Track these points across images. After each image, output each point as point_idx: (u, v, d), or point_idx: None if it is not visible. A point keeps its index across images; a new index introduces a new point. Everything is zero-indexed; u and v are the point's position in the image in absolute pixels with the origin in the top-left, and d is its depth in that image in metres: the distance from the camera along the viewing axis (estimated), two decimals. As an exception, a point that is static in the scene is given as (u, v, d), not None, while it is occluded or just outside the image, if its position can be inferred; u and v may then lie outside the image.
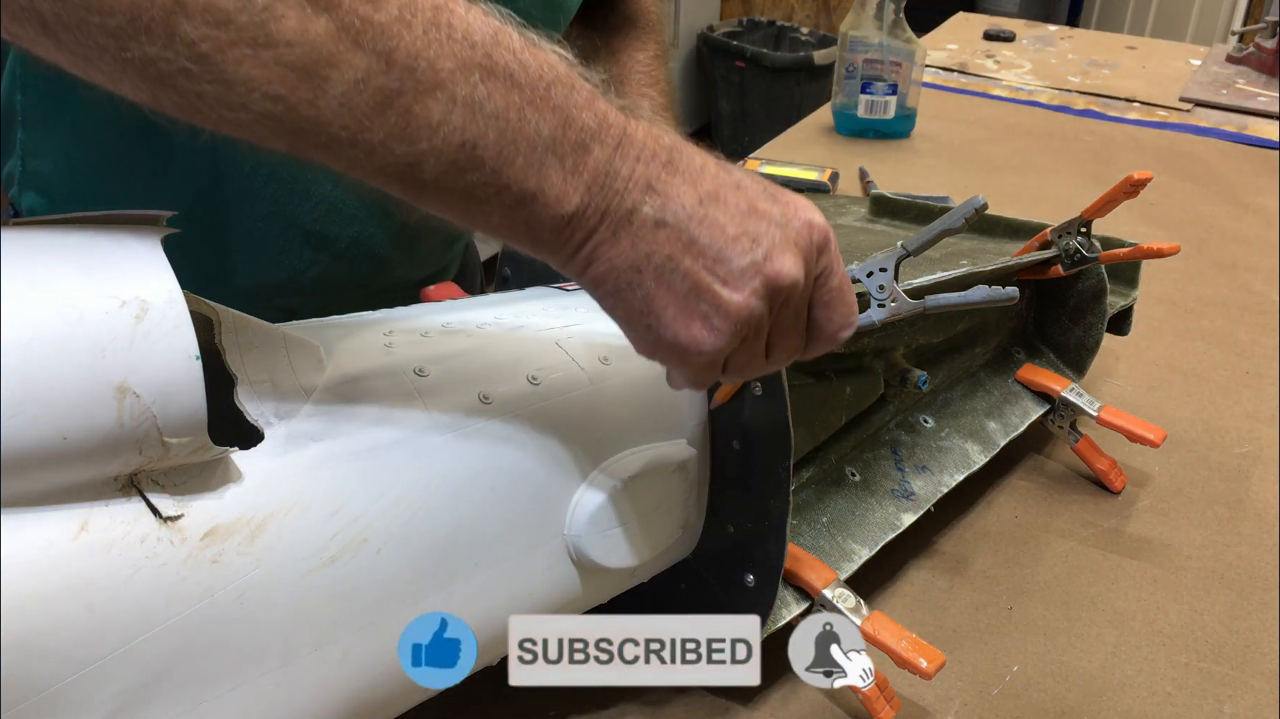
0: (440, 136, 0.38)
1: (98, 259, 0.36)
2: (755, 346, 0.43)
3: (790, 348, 0.45)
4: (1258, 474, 0.81)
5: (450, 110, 0.38)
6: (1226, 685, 0.62)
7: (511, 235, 0.41)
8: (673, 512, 0.54)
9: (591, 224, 0.40)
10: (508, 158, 0.39)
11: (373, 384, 0.46)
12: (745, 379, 0.47)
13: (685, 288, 0.41)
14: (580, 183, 0.40)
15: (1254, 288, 1.08)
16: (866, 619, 0.56)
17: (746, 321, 0.41)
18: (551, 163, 0.39)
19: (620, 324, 0.43)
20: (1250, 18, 2.69)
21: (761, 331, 0.43)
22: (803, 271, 0.43)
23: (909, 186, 1.27)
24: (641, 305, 0.41)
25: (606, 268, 0.41)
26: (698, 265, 0.41)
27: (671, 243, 0.41)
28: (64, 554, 0.35)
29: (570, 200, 0.40)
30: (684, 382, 0.46)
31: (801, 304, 0.44)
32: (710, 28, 3.28)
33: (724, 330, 0.41)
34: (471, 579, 0.47)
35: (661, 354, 0.43)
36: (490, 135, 0.38)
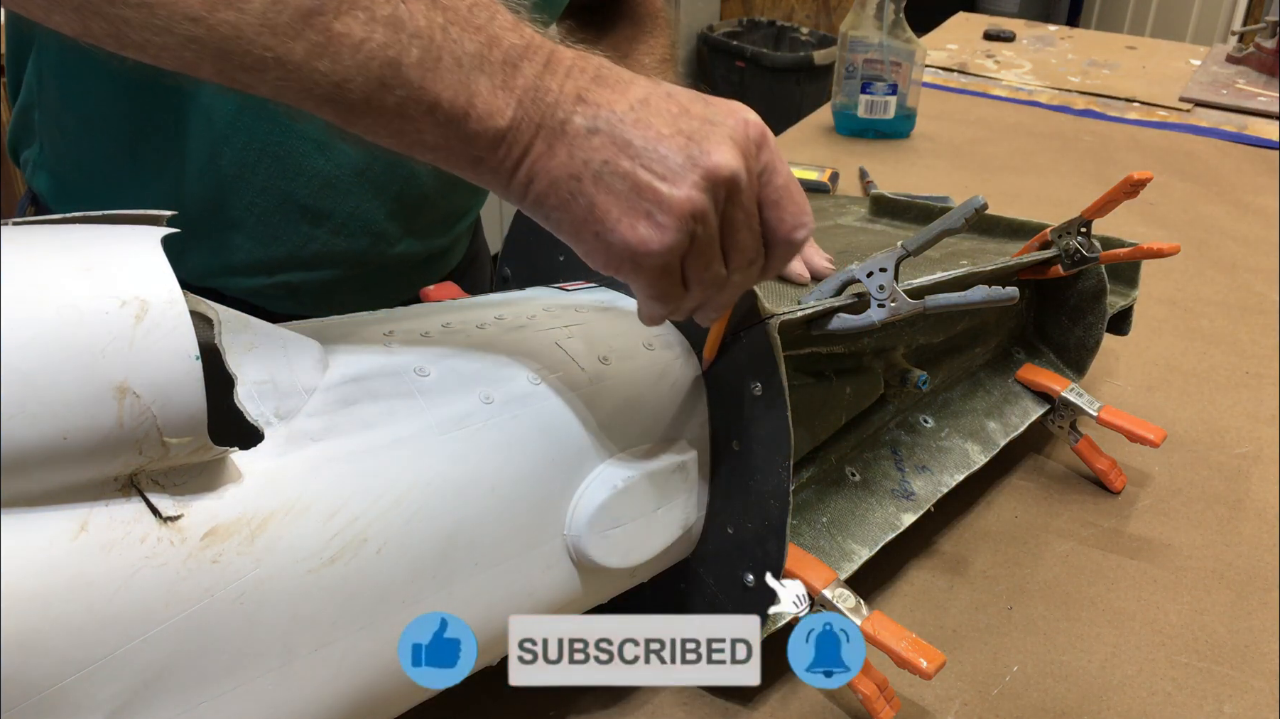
0: (363, 53, 0.39)
1: (98, 259, 0.36)
2: (709, 249, 0.43)
3: (747, 251, 0.45)
4: (1258, 474, 0.81)
5: (372, 28, 0.39)
6: (1226, 685, 0.62)
7: (450, 157, 0.42)
8: (673, 512, 0.54)
9: (527, 139, 0.42)
10: (435, 75, 0.40)
11: (373, 384, 0.46)
12: (710, 299, 0.47)
13: (625, 188, 0.41)
14: (511, 98, 0.41)
15: (1254, 288, 1.08)
16: (866, 619, 0.56)
17: (691, 214, 0.42)
18: (480, 79, 0.41)
19: (571, 242, 0.44)
20: (1250, 18, 2.69)
21: (710, 229, 0.43)
22: (742, 164, 0.43)
23: (909, 186, 1.27)
24: (585, 214, 0.42)
25: (547, 182, 0.42)
26: (635, 165, 0.41)
27: (607, 148, 0.41)
28: (64, 554, 0.35)
29: (503, 114, 0.41)
30: (648, 300, 0.45)
31: (749, 202, 0.44)
32: (710, 28, 3.28)
33: (669, 225, 0.41)
34: (471, 579, 0.47)
35: (614, 262, 0.43)
36: (414, 52, 0.40)
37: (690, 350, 0.57)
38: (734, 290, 0.47)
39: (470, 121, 0.41)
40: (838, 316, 0.57)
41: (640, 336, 0.56)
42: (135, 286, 0.36)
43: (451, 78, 0.40)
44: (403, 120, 0.41)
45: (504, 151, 0.42)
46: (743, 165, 0.43)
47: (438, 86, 0.40)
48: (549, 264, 0.64)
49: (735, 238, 0.44)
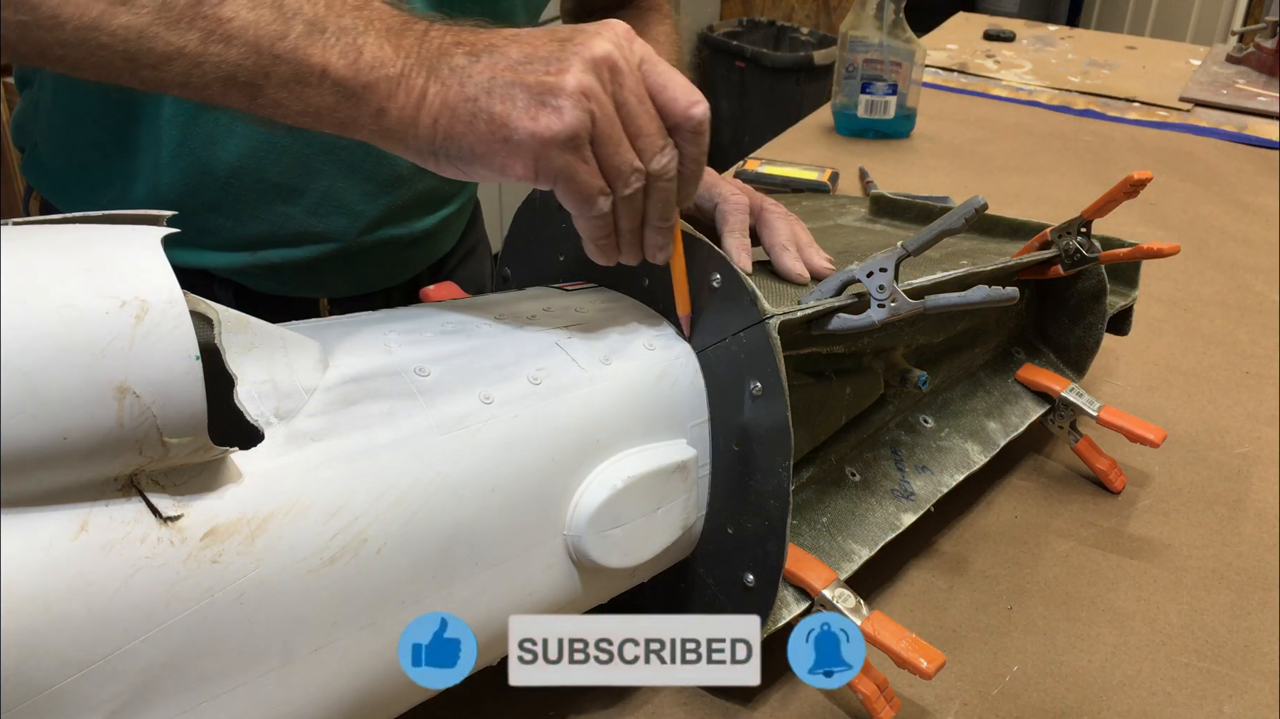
0: (252, 33, 0.44)
1: (98, 259, 0.36)
2: (611, 129, 0.46)
3: (650, 134, 0.48)
4: (1258, 474, 0.81)
5: (257, 11, 0.45)
6: (1226, 685, 0.62)
7: (354, 120, 0.47)
8: (673, 512, 0.54)
9: (420, 83, 0.46)
10: (321, 42, 0.45)
11: (373, 384, 0.46)
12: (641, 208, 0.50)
13: (516, 91, 0.45)
14: (398, 53, 0.46)
15: (1254, 288, 1.08)
16: (866, 619, 0.56)
17: (580, 91, 0.45)
18: (365, 40, 0.46)
19: (489, 168, 0.47)
20: (1250, 18, 2.69)
21: (606, 109, 0.46)
22: (616, 50, 0.47)
23: (909, 186, 1.27)
24: (489, 127, 0.46)
25: (448, 114, 0.46)
26: (520, 72, 0.46)
27: (490, 67, 0.46)
28: (64, 554, 0.35)
29: (393, 64, 0.46)
30: (579, 204, 0.48)
31: (635, 84, 0.47)
32: (710, 28, 3.28)
33: (564, 105, 0.45)
34: (471, 579, 0.47)
35: (529, 162, 0.46)
36: (299, 27, 0.45)
37: (691, 351, 0.57)
38: (662, 194, 0.49)
39: (361, 74, 0.46)
40: (838, 316, 0.57)
41: (640, 337, 0.56)
42: (135, 286, 0.36)
43: (337, 43, 0.45)
44: (302, 89, 0.46)
45: (402, 98, 0.46)
46: (617, 51, 0.47)
47: (326, 53, 0.45)
48: (549, 264, 0.64)
49: (634, 122, 0.47)
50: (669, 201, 0.50)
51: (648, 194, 0.49)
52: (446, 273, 0.93)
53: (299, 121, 0.47)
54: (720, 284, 0.54)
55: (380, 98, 0.46)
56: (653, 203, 0.50)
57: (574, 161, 0.46)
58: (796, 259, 0.62)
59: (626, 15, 0.91)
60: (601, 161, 0.47)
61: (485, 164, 0.47)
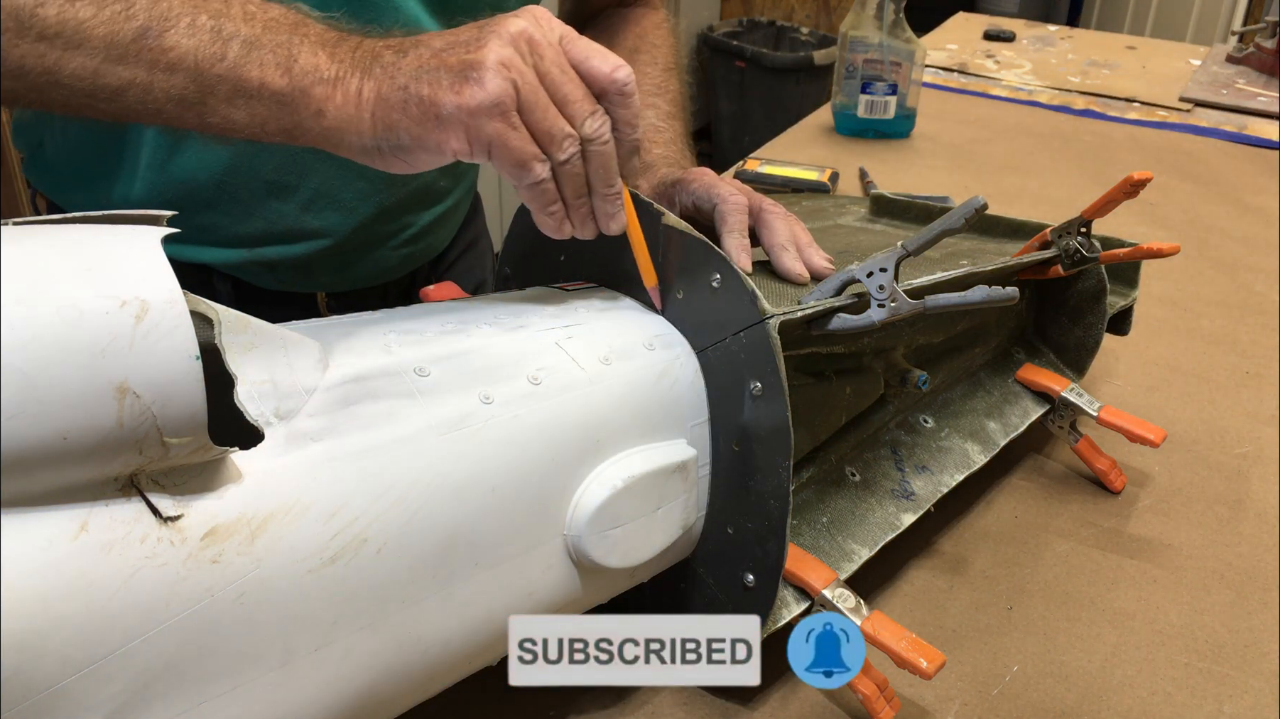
0: (193, 58, 0.49)
1: (98, 259, 0.36)
2: (536, 96, 0.49)
3: (577, 101, 0.50)
4: (1258, 474, 0.81)
5: (196, 38, 0.49)
6: (1226, 685, 0.62)
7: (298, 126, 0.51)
8: (673, 512, 0.54)
9: (355, 82, 0.50)
10: (258, 58, 0.50)
11: (373, 384, 0.46)
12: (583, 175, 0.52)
13: (440, 73, 0.49)
14: (330, 58, 0.50)
15: (1254, 288, 1.08)
16: (866, 619, 0.56)
17: (500, 63, 0.48)
18: (299, 50, 0.50)
19: (424, 149, 0.50)
20: (1250, 18, 2.69)
21: (528, 78, 0.49)
22: (533, 26, 0.50)
23: (909, 186, 1.27)
24: (420, 109, 0.49)
25: (383, 105, 0.49)
26: (443, 56, 0.49)
27: (416, 58, 0.50)
28: (64, 554, 0.35)
29: (326, 67, 0.50)
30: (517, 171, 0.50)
31: (556, 56, 0.50)
32: (710, 28, 3.28)
33: (486, 77, 0.48)
34: (471, 579, 0.47)
35: (454, 132, 0.49)
36: (235, 48, 0.49)
37: (691, 351, 0.57)
38: (600, 158, 0.51)
39: (296, 81, 0.50)
40: (838, 316, 0.57)
41: (640, 336, 0.56)
42: (135, 286, 0.36)
43: (272, 58, 0.50)
44: (245, 103, 0.50)
45: (339, 98, 0.50)
46: (534, 27, 0.50)
47: (263, 69, 0.49)
48: (549, 264, 0.64)
49: (559, 90, 0.50)
50: (609, 166, 0.52)
51: (587, 160, 0.51)
52: (445, 267, 0.93)
53: (250, 134, 0.51)
54: (720, 284, 0.54)
55: (318, 100, 0.50)
56: (593, 169, 0.52)
57: (503, 128, 0.48)
58: (796, 259, 0.62)
59: (625, 15, 0.91)
60: (532, 128, 0.49)
61: (422, 146, 0.50)
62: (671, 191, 0.68)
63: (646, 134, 0.78)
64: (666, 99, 0.82)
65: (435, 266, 0.91)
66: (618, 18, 0.91)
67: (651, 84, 0.82)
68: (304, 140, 0.51)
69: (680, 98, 0.84)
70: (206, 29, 0.49)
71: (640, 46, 0.86)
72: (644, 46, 0.86)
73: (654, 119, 0.79)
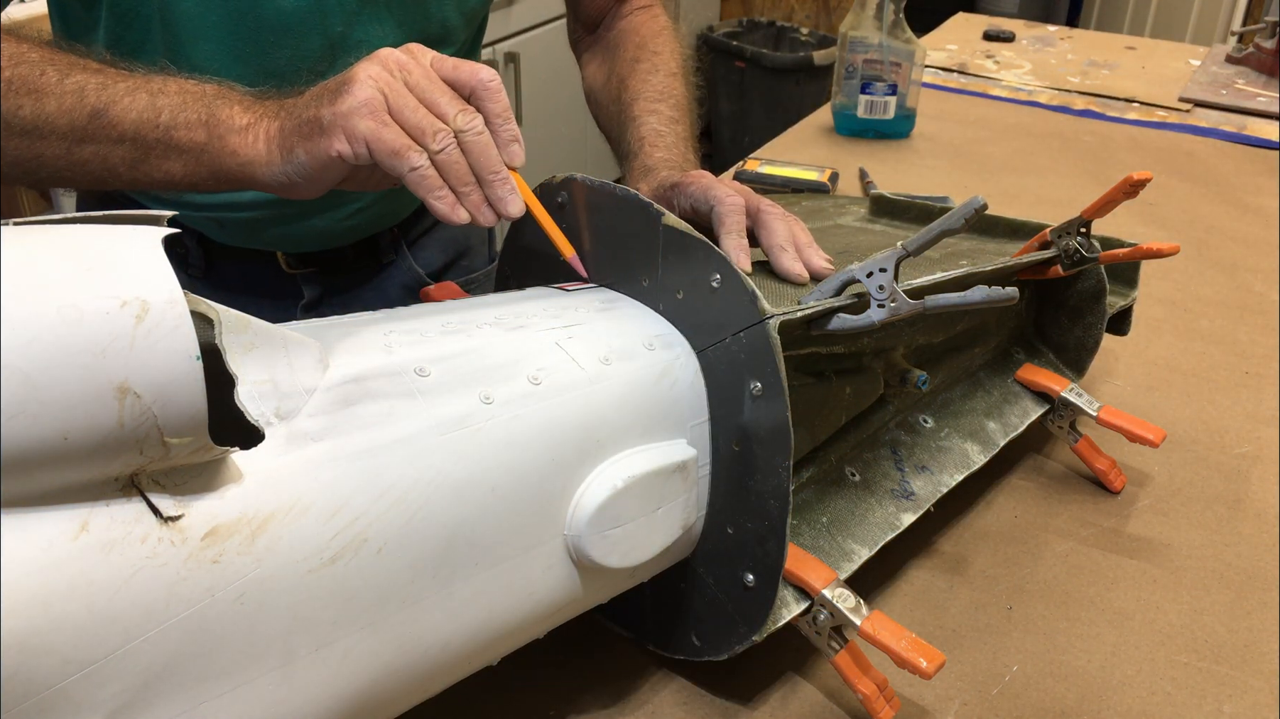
0: (133, 129, 0.60)
1: (98, 259, 0.36)
2: (403, 98, 0.55)
3: (446, 102, 0.56)
4: (1258, 474, 0.81)
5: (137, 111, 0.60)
6: (1226, 685, 0.62)
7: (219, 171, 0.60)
8: (673, 512, 0.54)
9: (265, 125, 0.59)
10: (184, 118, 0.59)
11: (373, 384, 0.46)
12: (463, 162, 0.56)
13: (323, 97, 0.57)
14: (249, 112, 0.60)
15: (1254, 288, 1.08)
16: (866, 619, 0.56)
17: (369, 77, 0.55)
18: (220, 109, 0.60)
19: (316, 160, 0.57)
20: (1250, 18, 2.69)
21: (396, 87, 0.55)
22: (403, 51, 0.57)
23: (909, 187, 1.27)
24: (309, 128, 0.57)
25: (285, 138, 0.58)
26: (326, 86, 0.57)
27: (310, 94, 0.58)
28: (64, 554, 0.35)
29: (243, 118, 0.60)
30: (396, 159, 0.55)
31: (424, 71, 0.57)
32: (710, 28, 3.28)
33: (355, 88, 0.55)
34: (472, 579, 0.47)
35: (334, 136, 0.55)
36: (165, 115, 0.60)
37: (691, 351, 0.57)
38: (477, 146, 0.56)
39: (216, 130, 0.59)
40: (838, 316, 0.57)
41: (640, 337, 0.56)
42: (136, 287, 0.36)
43: (195, 118, 0.59)
44: (179, 157, 0.60)
45: (251, 139, 0.59)
46: (402, 53, 0.57)
47: (188, 129, 0.59)
48: (549, 264, 0.64)
49: (428, 95, 0.56)
50: (488, 154, 0.56)
51: (466, 151, 0.56)
52: (420, 234, 0.96)
53: (188, 184, 0.61)
54: (720, 284, 0.54)
55: (232, 146, 0.59)
56: (473, 158, 0.56)
57: (375, 125, 0.55)
58: (795, 259, 0.62)
59: (625, 26, 0.91)
60: (403, 125, 0.55)
61: (316, 159, 0.56)
62: (670, 194, 0.68)
63: (648, 139, 0.78)
64: (669, 104, 0.82)
65: (405, 231, 0.93)
66: (617, 30, 0.92)
67: (653, 91, 0.83)
68: (229, 182, 0.60)
69: (685, 101, 0.84)
70: (143, 103, 0.60)
71: (640, 56, 0.87)
72: (644, 55, 0.87)
73: (656, 124, 0.79)
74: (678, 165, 0.75)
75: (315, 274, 0.89)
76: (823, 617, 0.57)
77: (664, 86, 0.83)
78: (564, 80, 2.50)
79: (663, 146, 0.77)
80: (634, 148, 0.78)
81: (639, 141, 0.78)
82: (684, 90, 0.85)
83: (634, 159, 0.77)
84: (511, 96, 2.46)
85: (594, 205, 0.60)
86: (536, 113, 2.55)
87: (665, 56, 0.87)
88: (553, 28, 2.52)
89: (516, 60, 2.42)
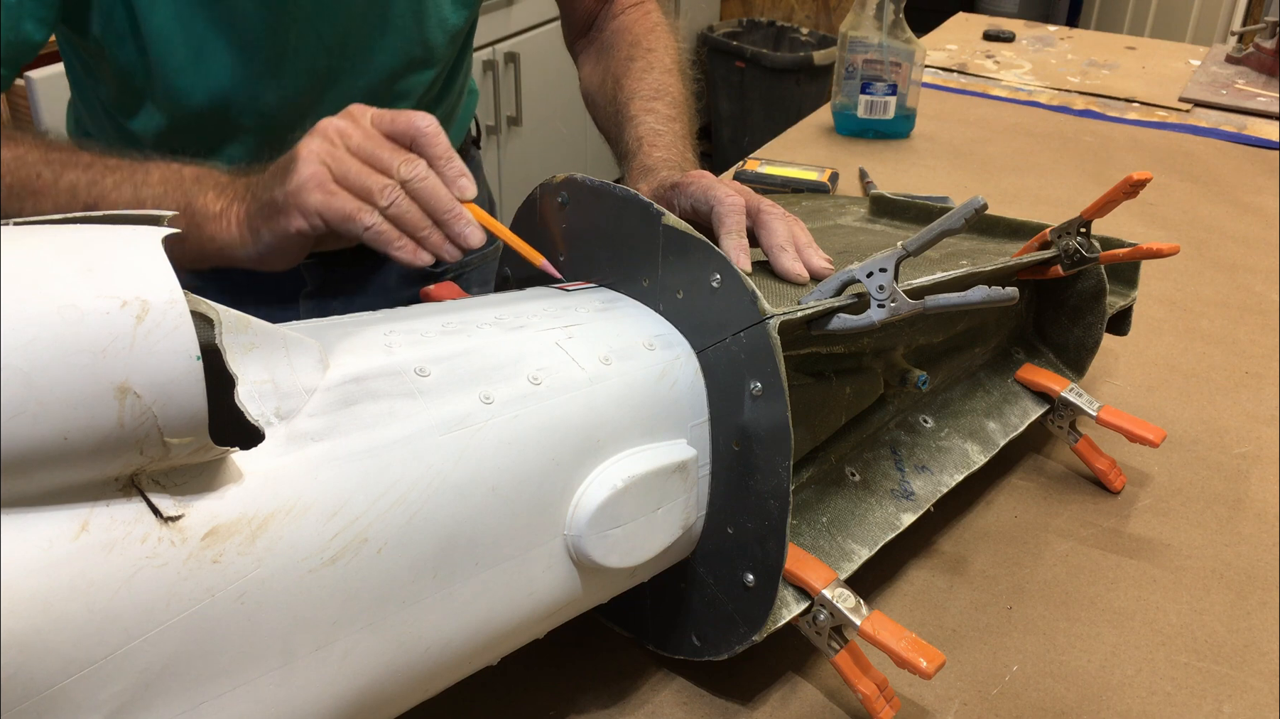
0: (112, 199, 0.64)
1: (98, 259, 0.36)
2: (345, 162, 0.59)
3: (387, 156, 0.59)
4: (1258, 474, 0.81)
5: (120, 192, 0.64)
6: (1226, 685, 0.62)
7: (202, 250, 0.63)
8: (673, 512, 0.54)
9: (235, 209, 0.63)
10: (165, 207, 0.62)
11: (373, 384, 0.46)
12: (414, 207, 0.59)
13: (275, 177, 0.60)
14: (221, 197, 0.64)
15: (1254, 288, 1.08)
16: (866, 619, 0.56)
17: (310, 152, 0.59)
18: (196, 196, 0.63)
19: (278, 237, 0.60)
20: (1250, 18, 2.69)
21: (338, 155, 0.59)
22: (341, 118, 0.60)
23: (909, 187, 1.27)
24: (269, 209, 0.60)
25: (251, 221, 0.62)
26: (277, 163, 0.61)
27: (266, 174, 0.61)
28: (64, 554, 0.35)
29: (216, 204, 0.63)
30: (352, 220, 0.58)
31: (365, 131, 0.59)
32: (710, 28, 3.28)
33: (298, 166, 0.58)
34: (472, 579, 0.47)
35: (290, 214, 0.59)
36: (148, 204, 0.63)
37: (691, 351, 0.57)
38: (425, 191, 0.58)
39: (192, 220, 0.62)
40: (838, 316, 0.57)
41: (640, 336, 0.56)
42: (136, 286, 0.36)
43: (175, 205, 0.63)
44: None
45: (224, 224, 0.63)
46: (341, 119, 0.60)
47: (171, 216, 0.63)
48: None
49: (370, 155, 0.59)
50: (437, 195, 0.59)
51: (416, 198, 0.59)
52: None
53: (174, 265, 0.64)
54: (720, 284, 0.55)
55: (209, 232, 0.63)
56: (424, 201, 0.59)
57: (324, 197, 0.58)
58: (795, 259, 0.62)
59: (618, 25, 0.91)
60: (351, 189, 0.58)
61: (278, 235, 0.60)
62: (669, 195, 0.68)
63: (646, 138, 0.78)
64: (665, 102, 0.82)
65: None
66: (610, 30, 0.92)
67: (649, 89, 0.83)
68: (210, 261, 0.64)
69: (681, 97, 0.84)
70: (128, 196, 0.64)
71: (634, 54, 0.87)
72: (638, 54, 0.87)
73: (653, 123, 0.79)
74: (677, 165, 0.75)
75: (317, 263, 0.89)
76: (823, 617, 0.57)
77: (659, 83, 0.83)
78: (564, 80, 2.50)
79: (661, 145, 0.77)
80: (632, 147, 0.78)
81: (637, 141, 0.78)
82: (680, 86, 0.85)
83: (633, 159, 0.77)
84: (511, 96, 2.46)
85: (594, 205, 0.60)
86: (536, 113, 2.55)
87: (660, 53, 0.87)
88: (553, 28, 2.52)
89: (516, 60, 2.42)
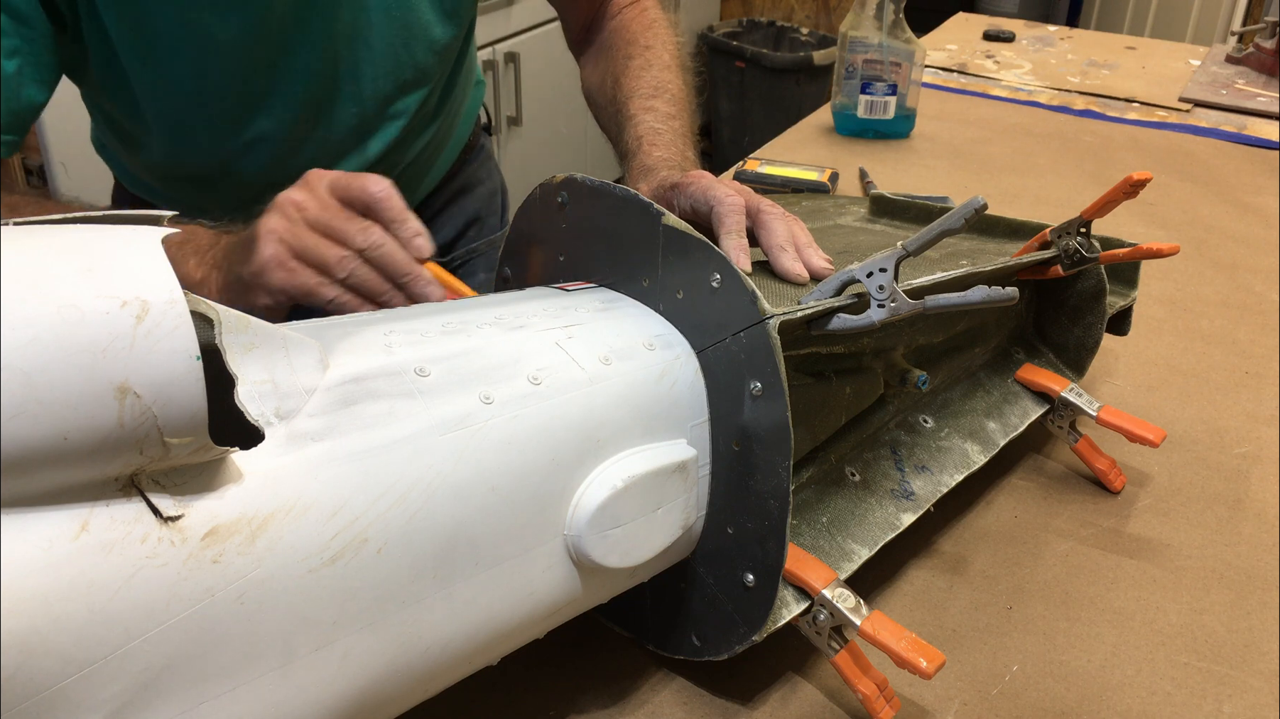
0: None
1: (98, 259, 0.36)
2: (303, 238, 0.60)
3: (344, 225, 0.60)
4: (1258, 474, 0.81)
5: None
6: (1226, 685, 0.62)
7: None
8: (673, 512, 0.54)
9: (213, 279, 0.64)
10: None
11: (373, 384, 0.46)
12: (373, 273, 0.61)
13: (238, 250, 0.62)
14: (201, 263, 0.65)
15: (1254, 288, 1.08)
16: (866, 619, 0.56)
17: (268, 231, 0.60)
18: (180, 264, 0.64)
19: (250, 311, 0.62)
20: (1250, 18, 2.69)
21: (295, 231, 0.60)
22: (298, 188, 0.61)
23: (909, 187, 1.27)
24: (237, 285, 0.62)
25: (224, 293, 0.63)
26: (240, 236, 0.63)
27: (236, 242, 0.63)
28: (64, 554, 0.35)
29: (197, 272, 0.65)
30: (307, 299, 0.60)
31: (321, 203, 0.61)
32: (710, 28, 3.28)
33: (259, 246, 0.60)
34: (472, 579, 0.47)
35: (255, 294, 0.61)
36: None
37: (691, 351, 0.57)
38: (383, 258, 0.61)
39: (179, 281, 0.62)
40: (838, 316, 0.57)
41: (640, 337, 0.56)
42: (136, 287, 0.36)
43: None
44: None
45: (205, 294, 0.63)
46: (301, 189, 0.61)
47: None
48: (549, 264, 0.65)
49: (328, 227, 0.61)
50: (394, 259, 0.61)
51: (375, 264, 0.61)
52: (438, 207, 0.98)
53: None
54: (720, 284, 0.55)
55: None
56: (383, 269, 0.61)
57: (284, 276, 0.60)
58: (795, 259, 0.62)
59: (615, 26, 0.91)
60: (310, 263, 0.60)
61: (250, 310, 0.63)
62: (670, 194, 0.68)
63: (646, 137, 0.78)
64: (664, 99, 0.82)
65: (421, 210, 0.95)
66: (608, 30, 0.92)
67: (647, 87, 0.83)
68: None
69: (681, 94, 0.84)
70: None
71: (632, 53, 0.87)
72: (636, 52, 0.87)
73: (652, 122, 0.79)
74: (677, 164, 0.75)
75: None
76: (823, 617, 0.57)
77: (658, 81, 0.83)
78: (564, 80, 2.50)
79: (661, 145, 0.77)
80: (632, 147, 0.78)
81: (636, 141, 0.78)
82: (679, 83, 0.85)
83: (633, 158, 0.77)
84: (512, 96, 2.46)
85: (594, 205, 0.60)
86: (536, 113, 2.55)
87: (658, 50, 0.87)
88: (553, 28, 2.52)
89: (516, 60, 2.42)
